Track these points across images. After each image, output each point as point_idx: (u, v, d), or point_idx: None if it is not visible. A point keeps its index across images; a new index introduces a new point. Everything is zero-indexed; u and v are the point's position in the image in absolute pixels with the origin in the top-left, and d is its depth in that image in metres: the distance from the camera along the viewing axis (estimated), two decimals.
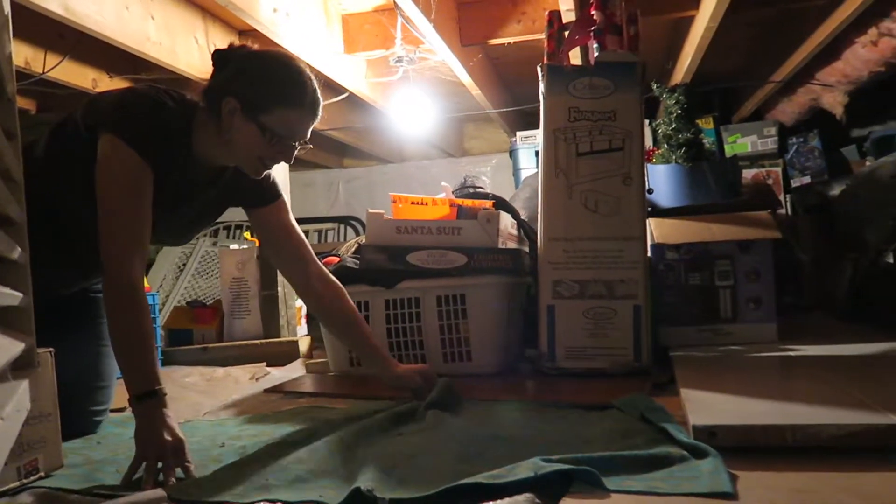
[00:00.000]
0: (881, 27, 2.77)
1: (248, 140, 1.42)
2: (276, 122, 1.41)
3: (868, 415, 1.21)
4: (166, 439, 1.22)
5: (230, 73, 1.44)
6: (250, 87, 1.41)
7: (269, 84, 1.42)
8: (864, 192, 3.25)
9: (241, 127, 1.41)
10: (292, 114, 1.43)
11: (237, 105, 1.40)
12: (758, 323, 2.29)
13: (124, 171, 1.35)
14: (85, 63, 3.07)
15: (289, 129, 1.43)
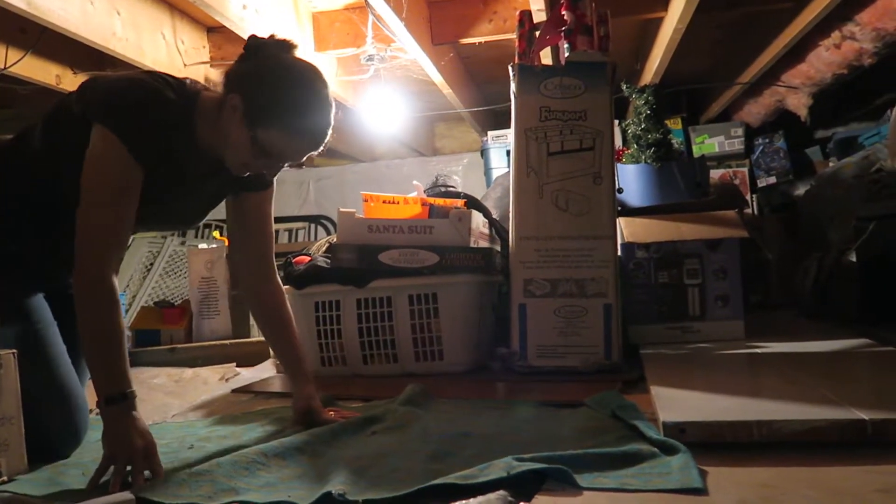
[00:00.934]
0: (844, 31, 2.83)
1: (237, 144, 1.35)
2: (270, 140, 1.33)
3: (831, 410, 1.23)
4: (136, 442, 1.18)
5: (251, 69, 1.36)
6: (260, 95, 1.33)
7: (279, 102, 1.33)
8: (828, 192, 3.31)
9: (237, 129, 1.34)
10: (288, 140, 1.35)
11: (240, 106, 1.33)
12: (725, 320, 2.32)
13: (112, 167, 1.29)
14: (48, 58, 3.01)
15: (280, 152, 1.36)
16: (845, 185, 3.18)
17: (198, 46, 3.15)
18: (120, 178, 1.30)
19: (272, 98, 1.33)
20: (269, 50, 1.37)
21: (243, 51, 1.39)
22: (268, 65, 1.36)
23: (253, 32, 2.64)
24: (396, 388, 1.75)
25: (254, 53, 1.37)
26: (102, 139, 1.29)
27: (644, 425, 1.26)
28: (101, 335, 1.26)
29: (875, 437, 1.14)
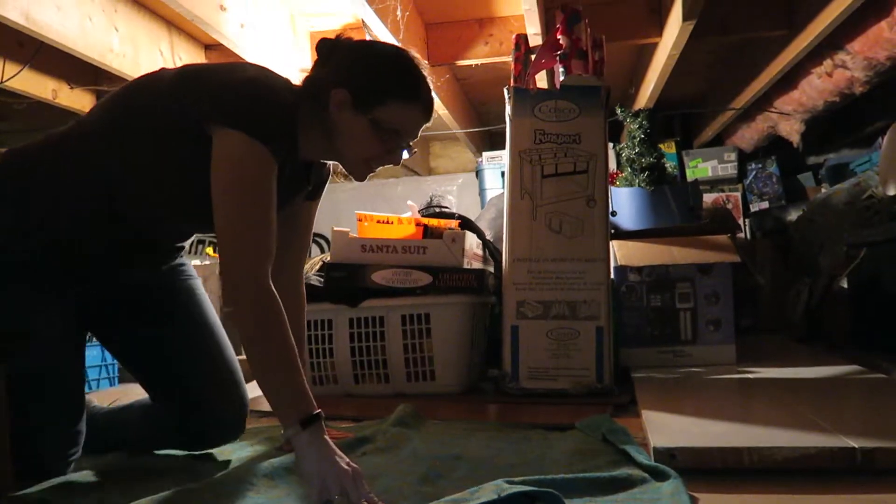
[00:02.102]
0: (836, 59, 2.86)
1: (357, 137, 1.27)
2: (390, 116, 1.26)
3: (822, 437, 1.23)
4: (345, 468, 1.07)
5: (339, 62, 1.29)
6: (363, 78, 1.26)
7: (385, 75, 1.28)
8: (819, 218, 3.34)
9: (351, 121, 1.26)
10: (408, 108, 1.28)
11: (348, 97, 1.25)
12: (717, 345, 2.33)
13: (257, 171, 1.17)
14: (45, 73, 3.02)
15: (403, 124, 1.28)
16: (837, 212, 3.21)
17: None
18: (266, 184, 1.19)
19: (377, 75, 1.27)
20: (345, 42, 1.32)
21: (318, 55, 1.33)
22: (356, 51, 1.31)
23: (250, 51, 2.67)
24: (388, 409, 1.75)
25: (332, 51, 1.31)
26: (242, 145, 1.17)
27: (634, 450, 1.26)
28: (279, 355, 1.13)
29: (864, 465, 1.15)
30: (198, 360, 1.44)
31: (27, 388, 1.26)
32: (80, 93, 3.28)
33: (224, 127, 1.17)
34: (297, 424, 1.09)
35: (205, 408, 1.42)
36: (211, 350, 1.46)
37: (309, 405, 1.11)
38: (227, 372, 1.46)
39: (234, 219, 1.16)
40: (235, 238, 1.15)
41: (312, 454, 1.08)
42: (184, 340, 1.45)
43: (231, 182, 1.17)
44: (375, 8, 2.32)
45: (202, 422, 1.42)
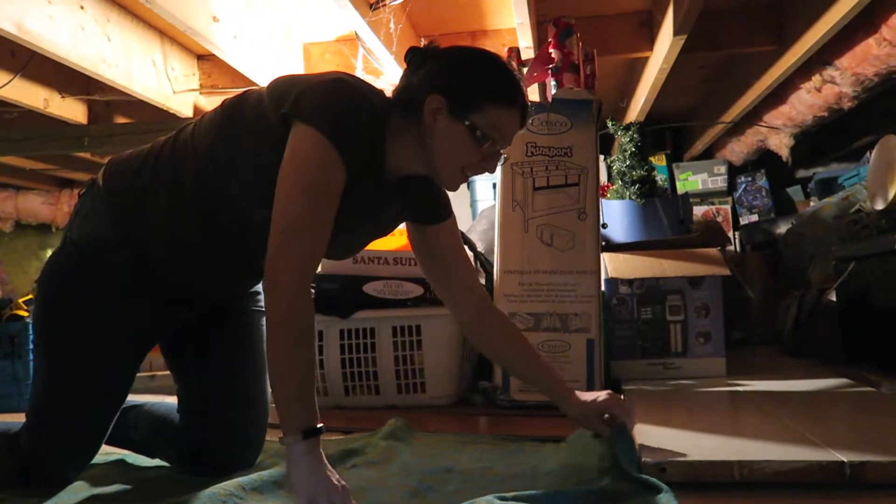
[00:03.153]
0: (824, 75, 2.89)
1: (453, 144, 1.23)
2: (488, 121, 1.23)
3: (811, 451, 1.23)
4: (335, 484, 1.06)
5: (433, 68, 1.26)
6: (459, 84, 1.24)
7: (481, 80, 1.25)
8: (808, 231, 3.36)
9: (447, 128, 1.23)
10: (505, 114, 1.25)
11: (443, 103, 1.22)
12: (707, 357, 2.33)
13: (320, 170, 1.14)
14: (36, 82, 3.01)
15: (500, 130, 1.25)
16: (825, 225, 3.23)
17: (188, 74, 3.17)
18: (327, 183, 1.15)
19: (474, 80, 1.25)
20: (435, 49, 1.30)
21: (408, 63, 1.30)
22: (449, 57, 1.28)
23: (243, 62, 2.67)
24: (378, 420, 1.74)
25: (424, 58, 1.28)
26: (311, 140, 1.15)
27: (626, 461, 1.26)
28: (300, 360, 1.11)
29: (853, 479, 1.15)
30: (241, 399, 1.46)
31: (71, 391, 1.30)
32: (72, 102, 3.28)
33: (300, 122, 1.16)
34: (298, 433, 1.07)
35: (227, 449, 1.43)
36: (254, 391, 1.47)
37: (315, 418, 1.10)
38: (261, 415, 1.48)
39: (288, 212, 1.13)
40: (287, 232, 1.12)
41: (305, 466, 1.07)
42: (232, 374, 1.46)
43: (294, 174, 1.14)
44: (369, 20, 2.34)
45: (219, 457, 1.41)
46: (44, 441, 1.31)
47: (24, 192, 5.41)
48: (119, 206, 1.30)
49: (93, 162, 4.35)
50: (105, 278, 1.30)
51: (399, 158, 1.27)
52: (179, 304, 1.39)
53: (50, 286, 1.34)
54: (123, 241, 1.29)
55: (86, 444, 1.35)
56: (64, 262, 1.33)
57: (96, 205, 1.31)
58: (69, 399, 1.30)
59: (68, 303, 1.31)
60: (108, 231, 1.29)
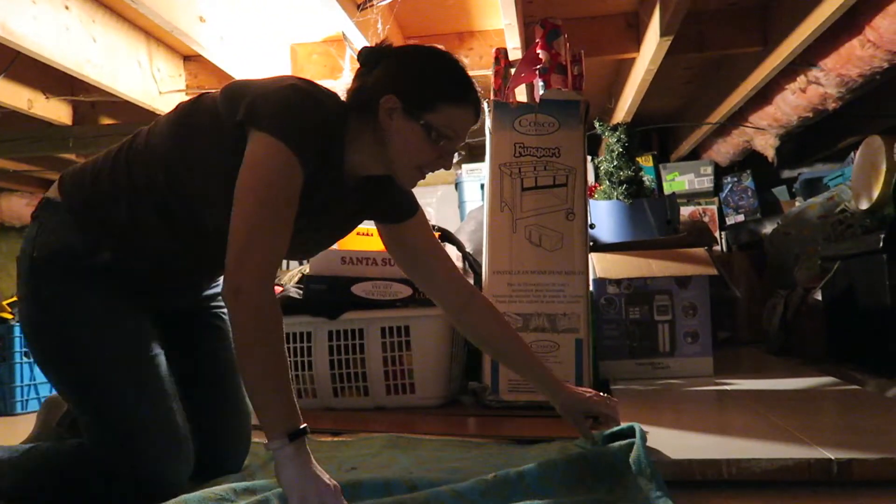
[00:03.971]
0: (809, 76, 2.91)
1: (409, 143, 1.25)
2: (442, 120, 1.24)
3: (799, 449, 1.24)
4: (326, 483, 1.06)
5: (387, 69, 1.27)
6: (413, 83, 1.25)
7: (435, 79, 1.27)
8: (794, 231, 3.38)
9: (402, 127, 1.24)
10: (459, 112, 1.27)
11: (398, 103, 1.23)
12: (694, 357, 2.35)
13: (277, 176, 1.15)
14: (20, 82, 2.99)
15: (455, 128, 1.27)
16: (811, 225, 3.26)
17: (174, 74, 3.15)
18: (287, 188, 1.16)
19: (427, 79, 1.26)
20: (389, 49, 1.31)
21: (362, 63, 1.31)
22: (403, 57, 1.30)
23: (230, 62, 2.66)
24: (367, 422, 1.74)
25: (378, 58, 1.29)
26: (268, 147, 1.16)
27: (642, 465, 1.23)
28: (275, 365, 1.11)
29: (840, 476, 1.16)
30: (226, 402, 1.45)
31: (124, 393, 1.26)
32: (57, 103, 3.25)
33: (256, 130, 1.17)
34: (283, 437, 1.07)
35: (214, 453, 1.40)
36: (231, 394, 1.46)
37: (297, 419, 1.09)
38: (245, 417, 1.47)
39: (248, 218, 1.13)
40: (247, 238, 1.12)
41: (294, 468, 1.06)
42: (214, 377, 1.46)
43: (252, 181, 1.15)
44: (356, 21, 2.33)
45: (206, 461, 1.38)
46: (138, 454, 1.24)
47: (8, 193, 5.36)
48: (83, 215, 1.29)
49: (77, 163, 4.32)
50: (91, 283, 1.28)
51: (357, 160, 1.29)
52: (158, 298, 1.39)
53: (40, 310, 1.29)
54: (97, 246, 1.28)
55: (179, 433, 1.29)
56: (43, 282, 1.29)
57: (60, 217, 1.30)
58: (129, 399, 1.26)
59: (71, 317, 1.27)
60: (78, 240, 1.28)
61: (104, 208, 1.29)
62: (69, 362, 1.27)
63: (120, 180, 1.29)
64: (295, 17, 2.87)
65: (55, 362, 1.30)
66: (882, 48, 2.40)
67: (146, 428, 1.24)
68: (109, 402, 1.25)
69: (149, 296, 1.36)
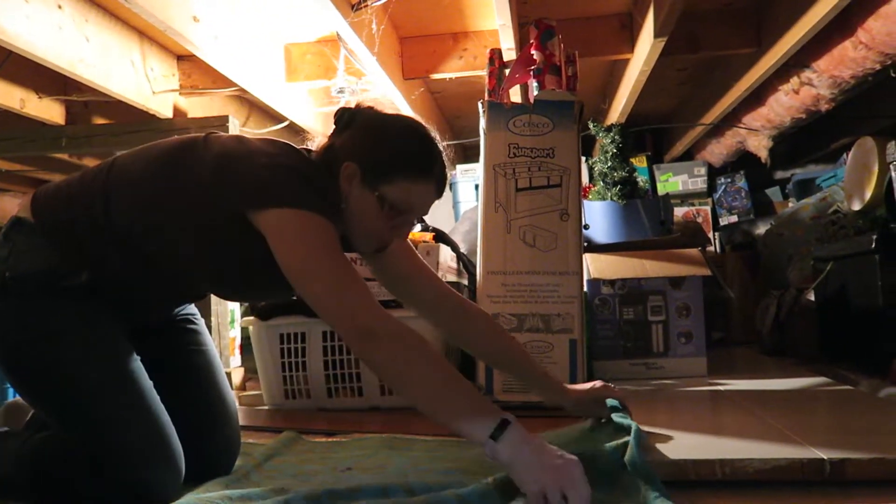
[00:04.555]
0: (802, 77, 2.92)
1: (363, 211, 1.26)
2: (396, 194, 1.25)
3: (792, 449, 1.25)
4: (559, 464, 1.02)
5: (354, 134, 1.29)
6: (373, 153, 1.26)
7: (395, 152, 1.27)
8: (787, 231, 3.40)
9: (359, 196, 1.26)
10: (417, 186, 1.27)
11: (357, 171, 1.25)
12: (688, 357, 2.35)
13: (326, 236, 1.16)
14: (11, 82, 2.97)
15: (409, 203, 1.27)
16: (804, 226, 3.27)
17: (167, 74, 3.14)
18: (332, 240, 1.17)
19: (387, 151, 1.27)
20: (364, 113, 1.33)
21: (335, 124, 1.33)
22: (370, 123, 1.31)
23: (224, 62, 2.65)
24: (361, 422, 1.74)
25: (348, 122, 1.32)
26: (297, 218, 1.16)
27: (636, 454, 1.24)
28: (442, 377, 1.09)
29: (833, 476, 1.16)
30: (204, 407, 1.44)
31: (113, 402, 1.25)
32: (49, 102, 3.24)
33: (268, 209, 1.17)
34: (495, 430, 1.04)
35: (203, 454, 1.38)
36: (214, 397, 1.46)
37: (492, 413, 1.06)
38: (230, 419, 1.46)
39: (329, 282, 1.13)
40: (341, 297, 1.12)
41: (523, 456, 1.03)
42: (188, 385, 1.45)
43: (300, 250, 1.15)
44: (350, 21, 2.33)
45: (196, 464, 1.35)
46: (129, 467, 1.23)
47: (1, 193, 5.34)
48: (57, 239, 1.27)
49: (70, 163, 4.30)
50: (68, 299, 1.27)
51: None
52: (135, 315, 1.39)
53: (16, 328, 1.26)
54: (74, 268, 1.27)
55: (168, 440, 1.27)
56: (17, 301, 1.26)
57: (34, 240, 1.28)
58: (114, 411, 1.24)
59: (48, 336, 1.25)
60: (54, 262, 1.26)
61: (78, 237, 1.27)
62: (49, 379, 1.25)
63: (96, 216, 1.27)
64: (289, 18, 2.87)
65: (35, 381, 1.27)
66: (874, 50, 2.42)
67: (134, 439, 1.23)
68: (95, 416, 1.24)
69: (126, 312, 1.35)
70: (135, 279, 1.30)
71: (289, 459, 1.52)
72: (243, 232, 1.20)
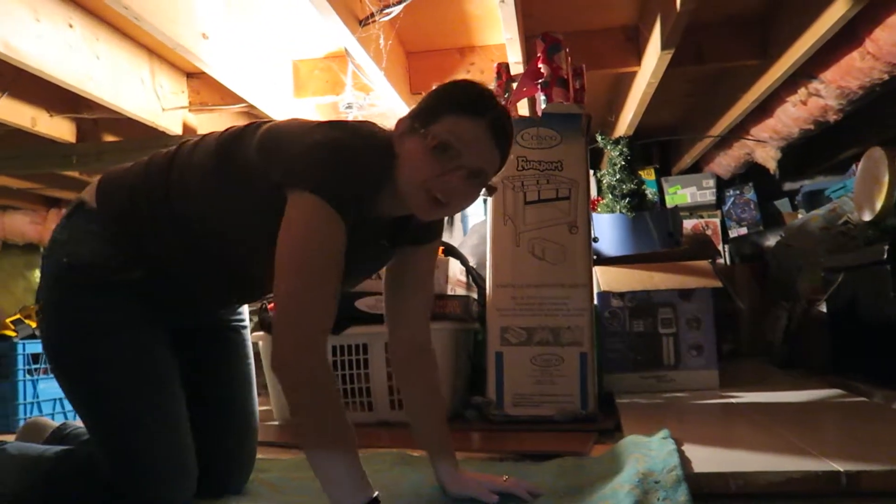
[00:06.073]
0: (810, 88, 2.92)
1: (411, 157, 1.16)
2: (443, 128, 1.14)
3: (806, 461, 1.23)
4: None
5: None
6: (423, 102, 1.20)
7: (443, 93, 1.21)
8: (797, 243, 3.38)
9: (408, 146, 1.17)
10: (466, 122, 1.15)
11: (407, 121, 1.19)
12: (699, 369, 2.34)
13: (321, 237, 1.10)
14: (23, 100, 3.00)
15: (456, 138, 1.14)
16: (813, 237, 3.25)
17: (177, 91, 3.16)
18: (334, 250, 1.11)
19: (436, 96, 1.20)
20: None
21: None
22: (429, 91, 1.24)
23: (232, 79, 2.67)
24: (371, 437, 1.73)
25: None
26: (306, 205, 1.11)
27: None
28: (333, 436, 1.06)
29: (849, 489, 1.15)
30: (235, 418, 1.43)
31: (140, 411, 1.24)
32: (60, 120, 3.26)
33: (296, 189, 1.12)
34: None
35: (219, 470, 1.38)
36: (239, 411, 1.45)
37: (365, 490, 1.05)
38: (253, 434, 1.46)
39: (295, 284, 1.09)
40: (295, 305, 1.08)
41: None
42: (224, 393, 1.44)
43: (296, 246, 1.10)
44: (358, 37, 2.34)
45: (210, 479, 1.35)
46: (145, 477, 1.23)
47: (11, 211, 5.37)
48: (116, 230, 1.27)
49: (80, 181, 4.33)
50: (116, 296, 1.26)
51: (389, 202, 1.23)
52: (183, 316, 1.39)
53: (61, 317, 1.27)
54: (129, 264, 1.26)
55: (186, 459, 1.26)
56: (67, 289, 1.27)
57: (92, 228, 1.28)
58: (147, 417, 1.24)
59: (94, 332, 1.25)
60: (110, 254, 1.26)
61: (138, 230, 1.26)
62: (84, 374, 1.26)
63: (157, 209, 1.26)
64: (297, 34, 2.89)
65: (70, 372, 1.28)
66: (882, 60, 2.41)
67: (154, 450, 1.23)
68: (120, 420, 1.24)
69: (174, 313, 1.35)
70: (188, 275, 1.29)
71: (306, 475, 1.51)
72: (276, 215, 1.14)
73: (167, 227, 1.26)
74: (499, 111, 1.20)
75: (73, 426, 1.55)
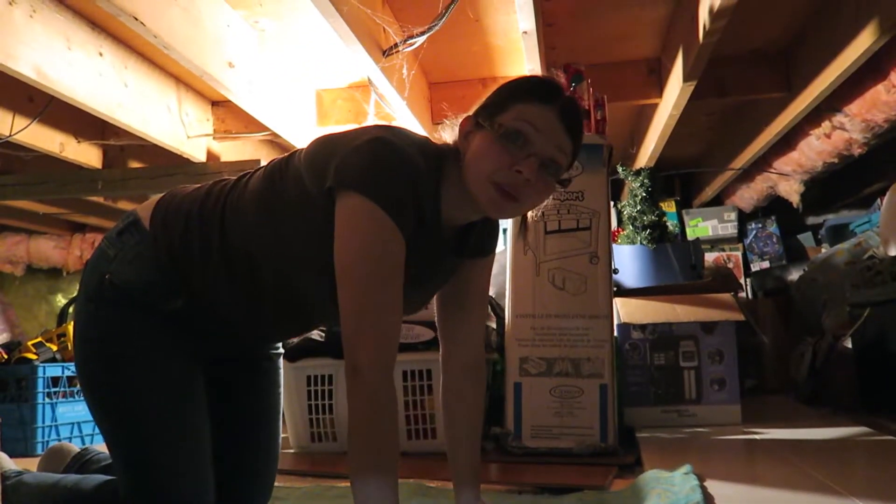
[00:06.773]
0: (834, 121, 2.90)
1: (478, 150, 1.11)
2: (511, 116, 1.10)
3: (833, 499, 1.20)
4: None
5: None
6: (489, 98, 1.16)
7: (510, 86, 1.16)
8: (821, 277, 3.33)
9: (474, 142, 1.12)
10: (535, 107, 1.10)
11: (472, 120, 1.14)
12: (722, 404, 2.30)
13: (380, 245, 1.06)
14: (53, 126, 3.06)
15: (526, 122, 1.09)
16: (838, 271, 3.21)
17: (202, 119, 3.21)
18: (393, 258, 1.07)
19: (501, 90, 1.16)
20: None
21: None
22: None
23: (257, 107, 2.71)
24: None
25: None
26: (359, 209, 1.06)
27: None
28: (380, 458, 1.05)
29: None
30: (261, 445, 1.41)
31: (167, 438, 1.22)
32: (87, 146, 3.32)
33: (346, 190, 1.07)
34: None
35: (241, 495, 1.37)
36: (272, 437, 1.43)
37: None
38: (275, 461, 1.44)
39: (356, 297, 1.05)
40: (359, 318, 1.05)
41: None
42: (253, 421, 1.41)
43: (354, 254, 1.06)
44: (382, 66, 2.37)
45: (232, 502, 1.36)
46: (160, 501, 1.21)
47: (36, 236, 5.45)
48: (165, 257, 1.23)
49: (105, 206, 4.39)
50: (154, 319, 1.24)
51: (452, 207, 1.17)
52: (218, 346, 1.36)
53: (96, 333, 1.24)
54: (173, 293, 1.23)
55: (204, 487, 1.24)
56: (106, 306, 1.24)
57: (142, 250, 1.24)
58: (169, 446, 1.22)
59: (128, 353, 1.22)
60: (156, 278, 1.23)
61: (189, 261, 1.23)
62: (111, 399, 1.24)
63: (209, 237, 1.23)
64: (321, 64, 2.93)
65: (97, 395, 1.25)
66: None
67: (176, 476, 1.21)
68: (144, 443, 1.22)
69: (212, 344, 1.32)
70: (234, 311, 1.26)
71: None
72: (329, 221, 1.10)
73: (218, 262, 1.22)
74: (569, 99, 1.15)
75: (93, 451, 1.54)
